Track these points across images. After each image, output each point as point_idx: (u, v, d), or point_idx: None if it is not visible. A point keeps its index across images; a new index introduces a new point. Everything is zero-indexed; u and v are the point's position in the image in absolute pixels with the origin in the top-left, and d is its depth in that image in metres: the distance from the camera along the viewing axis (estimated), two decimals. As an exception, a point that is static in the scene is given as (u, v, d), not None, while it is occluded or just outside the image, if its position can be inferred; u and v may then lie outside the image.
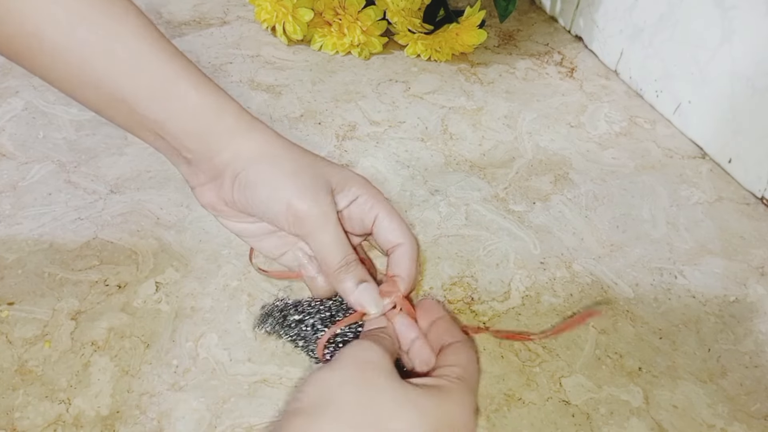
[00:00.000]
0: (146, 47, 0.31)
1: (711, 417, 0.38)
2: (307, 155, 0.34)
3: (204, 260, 0.45)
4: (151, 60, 0.31)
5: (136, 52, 0.30)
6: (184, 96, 0.31)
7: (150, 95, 0.31)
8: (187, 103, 0.31)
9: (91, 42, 0.29)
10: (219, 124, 0.32)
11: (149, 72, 0.31)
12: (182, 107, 0.31)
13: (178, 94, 0.31)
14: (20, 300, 0.42)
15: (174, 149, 0.33)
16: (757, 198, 0.55)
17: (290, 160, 0.33)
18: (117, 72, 0.30)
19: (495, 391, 0.39)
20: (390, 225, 0.35)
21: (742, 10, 0.53)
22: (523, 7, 0.82)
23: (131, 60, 0.30)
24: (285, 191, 0.32)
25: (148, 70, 0.31)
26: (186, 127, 0.32)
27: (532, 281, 0.46)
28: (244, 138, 0.32)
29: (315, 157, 0.34)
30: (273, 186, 0.32)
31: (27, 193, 0.49)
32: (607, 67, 0.71)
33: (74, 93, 0.32)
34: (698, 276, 0.47)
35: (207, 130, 0.32)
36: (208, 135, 0.32)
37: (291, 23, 0.67)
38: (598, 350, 0.42)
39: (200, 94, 0.32)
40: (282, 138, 0.34)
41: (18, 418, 0.35)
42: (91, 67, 0.30)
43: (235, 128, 0.32)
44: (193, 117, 0.32)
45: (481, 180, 0.55)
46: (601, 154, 0.59)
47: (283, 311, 0.40)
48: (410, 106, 0.63)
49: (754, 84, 0.53)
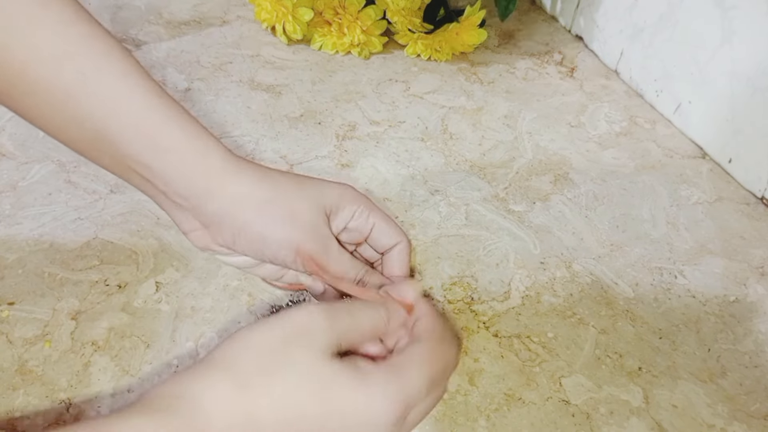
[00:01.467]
0: (133, 86, 0.30)
1: (711, 417, 0.38)
2: (298, 186, 0.33)
3: (204, 260, 0.45)
4: (138, 100, 0.30)
5: (123, 92, 0.30)
6: (171, 137, 0.31)
7: (136, 136, 0.30)
8: (174, 145, 0.31)
9: (77, 80, 0.29)
10: (207, 167, 0.31)
11: (136, 112, 0.30)
12: (169, 149, 0.31)
13: (165, 136, 0.30)
14: (20, 300, 0.42)
15: (162, 194, 0.32)
16: (757, 198, 0.55)
17: (285, 200, 0.32)
18: (103, 111, 0.29)
19: (495, 391, 0.39)
20: (387, 230, 0.35)
21: (742, 10, 0.53)
22: (524, 7, 0.82)
23: (118, 99, 0.30)
24: (289, 240, 0.32)
25: (135, 109, 0.30)
26: (173, 170, 0.31)
27: (532, 281, 0.46)
28: (233, 183, 0.32)
29: (305, 185, 0.34)
30: (275, 237, 0.32)
31: (27, 193, 0.49)
32: (607, 67, 0.71)
33: (58, 133, 0.31)
34: (698, 276, 0.47)
35: (194, 173, 0.31)
36: (196, 178, 0.31)
37: (291, 23, 0.67)
38: (598, 350, 0.42)
39: (187, 137, 0.31)
40: (270, 173, 0.33)
41: (18, 418, 0.35)
42: (76, 104, 0.29)
43: (222, 171, 0.31)
44: (180, 160, 0.31)
45: (481, 180, 0.55)
46: (601, 154, 0.59)
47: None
48: (410, 105, 0.63)
49: (754, 84, 0.53)
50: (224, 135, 0.56)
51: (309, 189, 0.33)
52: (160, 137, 0.30)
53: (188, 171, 0.31)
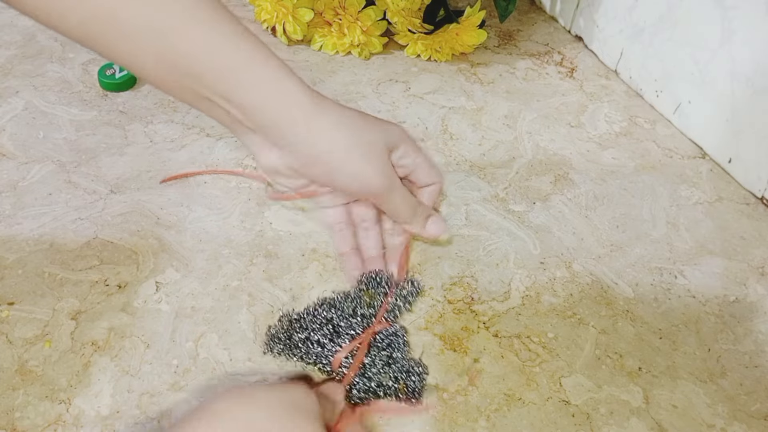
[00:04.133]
0: (220, 25, 0.31)
1: (711, 417, 0.38)
2: (371, 125, 0.36)
3: (204, 260, 0.45)
4: (226, 39, 0.31)
5: (210, 31, 0.31)
6: (255, 71, 0.32)
7: (223, 73, 0.32)
8: (259, 78, 0.32)
9: (166, 22, 0.30)
10: (290, 102, 0.33)
11: (225, 51, 0.31)
12: (254, 83, 0.32)
13: (250, 71, 0.32)
14: (20, 300, 0.42)
15: (238, 122, 0.34)
16: (757, 198, 0.55)
17: (361, 137, 0.35)
18: (192, 51, 0.31)
19: (495, 391, 0.39)
20: (428, 170, 0.40)
21: (742, 11, 0.53)
22: (523, 7, 0.82)
23: (206, 39, 0.31)
24: (363, 172, 0.35)
25: (224, 49, 0.31)
26: (256, 100, 0.33)
27: (532, 281, 0.46)
28: (315, 113, 0.34)
29: (375, 123, 0.37)
30: (351, 168, 0.35)
31: (27, 193, 0.49)
32: (607, 67, 0.71)
33: (144, 71, 0.32)
34: (698, 276, 0.47)
35: (277, 105, 0.33)
36: (279, 109, 0.33)
37: (291, 23, 0.67)
38: (598, 350, 0.42)
39: (270, 68, 0.33)
40: (347, 110, 0.36)
41: (18, 418, 0.35)
42: (164, 46, 0.30)
43: (304, 105, 0.34)
44: (265, 92, 0.33)
45: (481, 180, 0.55)
46: (601, 154, 0.59)
47: (288, 331, 0.39)
48: (410, 106, 0.63)
49: (754, 84, 0.53)
50: (224, 136, 0.56)
51: (379, 127, 0.37)
52: (246, 72, 0.32)
53: (272, 102, 0.33)
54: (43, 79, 0.62)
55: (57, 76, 0.62)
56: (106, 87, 0.61)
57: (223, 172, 0.52)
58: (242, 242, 0.47)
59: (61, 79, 0.62)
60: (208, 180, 0.52)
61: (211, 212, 0.49)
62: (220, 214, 0.49)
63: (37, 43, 0.67)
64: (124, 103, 0.60)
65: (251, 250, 0.46)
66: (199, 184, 0.52)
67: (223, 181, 0.52)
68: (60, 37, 0.67)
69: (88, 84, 0.62)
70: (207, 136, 0.56)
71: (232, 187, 0.52)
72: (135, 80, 0.62)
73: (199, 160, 0.54)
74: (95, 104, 0.59)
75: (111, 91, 0.61)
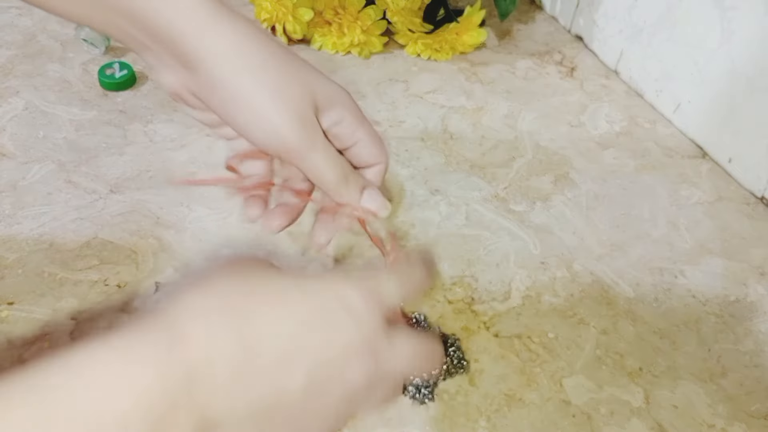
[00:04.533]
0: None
1: (711, 417, 0.38)
2: (288, 60, 0.30)
3: (204, 260, 0.45)
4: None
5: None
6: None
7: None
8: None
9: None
10: (181, 5, 0.28)
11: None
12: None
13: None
14: (20, 300, 0.42)
15: (130, 35, 0.29)
16: (757, 198, 0.55)
17: (273, 69, 0.29)
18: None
19: (495, 391, 0.39)
20: (371, 148, 0.33)
21: (741, 11, 0.53)
22: (523, 7, 0.82)
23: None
24: (271, 117, 0.29)
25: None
26: (147, 8, 0.27)
27: (532, 281, 0.46)
28: (211, 24, 0.28)
29: (297, 65, 0.30)
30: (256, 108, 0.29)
31: (27, 193, 0.49)
32: (607, 67, 0.71)
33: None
34: (698, 276, 0.47)
35: (169, 14, 0.28)
36: (171, 19, 0.28)
37: (291, 23, 0.67)
38: (598, 350, 0.42)
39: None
40: (263, 36, 0.29)
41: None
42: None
43: (199, 11, 0.28)
44: (163, 3, 0.27)
45: (481, 180, 0.55)
46: (601, 153, 0.59)
47: None
48: (410, 105, 0.63)
49: (753, 84, 0.53)
50: (224, 135, 0.56)
51: (302, 71, 0.30)
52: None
53: (164, 16, 0.27)
54: (43, 78, 0.62)
55: (57, 75, 0.62)
56: (106, 86, 0.60)
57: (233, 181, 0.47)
58: (242, 242, 0.47)
59: (61, 79, 0.62)
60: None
61: (211, 212, 0.49)
62: (220, 213, 0.49)
63: (37, 43, 0.67)
64: (124, 102, 0.60)
65: (251, 250, 0.46)
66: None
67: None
68: (60, 37, 0.67)
69: (88, 84, 0.61)
70: (207, 135, 0.56)
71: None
72: (135, 80, 0.62)
73: (199, 159, 0.54)
74: (95, 104, 0.59)
75: (111, 91, 0.61)
